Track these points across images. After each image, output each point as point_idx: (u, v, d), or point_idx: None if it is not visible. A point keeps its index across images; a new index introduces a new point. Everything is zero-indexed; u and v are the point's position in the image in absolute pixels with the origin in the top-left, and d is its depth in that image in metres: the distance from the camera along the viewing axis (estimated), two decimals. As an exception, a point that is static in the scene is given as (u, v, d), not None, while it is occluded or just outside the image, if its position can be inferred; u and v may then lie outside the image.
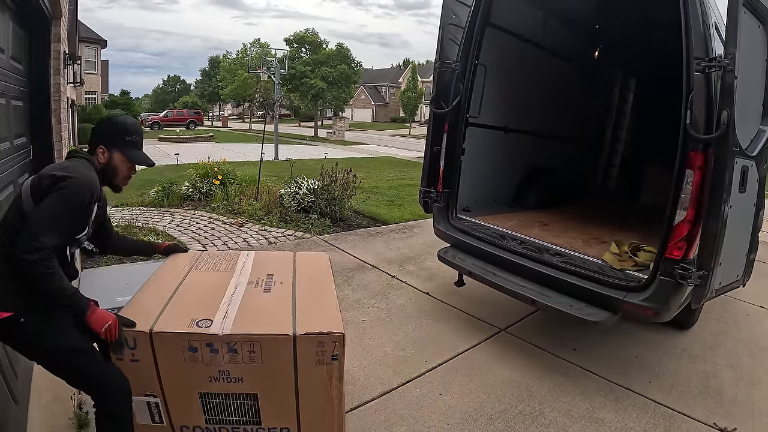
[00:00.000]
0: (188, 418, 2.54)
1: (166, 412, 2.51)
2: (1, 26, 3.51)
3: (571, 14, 5.93)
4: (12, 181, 3.76)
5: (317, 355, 2.40)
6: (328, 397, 2.52)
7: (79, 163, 2.41)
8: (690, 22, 3.16)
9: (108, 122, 2.64)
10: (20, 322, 2.15)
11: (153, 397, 2.46)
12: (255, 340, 2.35)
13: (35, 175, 2.27)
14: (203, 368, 2.38)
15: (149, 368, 2.38)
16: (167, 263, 3.14)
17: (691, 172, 3.14)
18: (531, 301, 3.90)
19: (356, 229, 7.97)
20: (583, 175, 7.52)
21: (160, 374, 2.41)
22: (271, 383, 2.46)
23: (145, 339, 2.32)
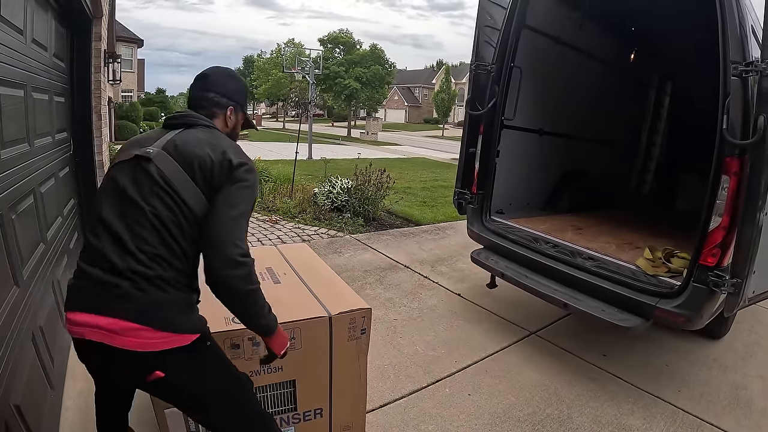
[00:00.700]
0: None
1: None
2: (43, 25, 3.62)
3: (607, 16, 5.89)
4: (53, 175, 3.86)
5: (349, 332, 2.55)
6: (356, 372, 2.68)
7: (216, 132, 2.01)
8: (727, 24, 3.12)
9: (232, 76, 2.25)
10: (207, 345, 1.91)
11: None
12: (295, 326, 2.40)
13: (176, 167, 1.82)
14: (245, 364, 2.35)
15: None
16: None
17: (726, 178, 3.09)
18: (563, 304, 3.89)
19: (389, 229, 8.03)
20: (617, 179, 7.44)
21: None
22: (308, 367, 2.54)
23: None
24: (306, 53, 30.83)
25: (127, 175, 1.82)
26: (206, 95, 2.06)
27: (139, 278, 1.71)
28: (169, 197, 1.78)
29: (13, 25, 2.75)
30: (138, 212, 1.75)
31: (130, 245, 1.73)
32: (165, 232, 1.76)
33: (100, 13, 4.83)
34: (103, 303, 1.70)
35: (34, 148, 3.24)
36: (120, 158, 1.88)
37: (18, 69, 2.83)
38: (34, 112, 3.23)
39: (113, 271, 1.71)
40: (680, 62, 6.85)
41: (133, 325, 1.68)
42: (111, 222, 1.76)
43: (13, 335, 2.30)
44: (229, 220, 1.78)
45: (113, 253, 1.72)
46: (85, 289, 1.75)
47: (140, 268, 1.72)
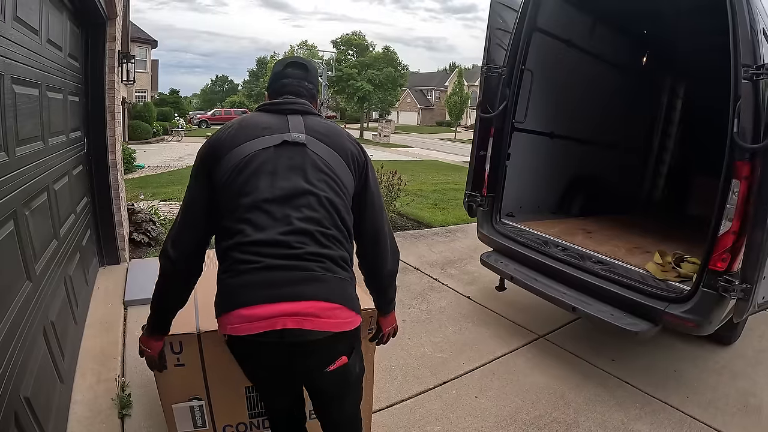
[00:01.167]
0: (232, 416, 2.57)
1: (210, 414, 2.52)
2: (58, 25, 3.67)
3: (618, 19, 5.87)
4: (67, 172, 3.92)
5: (367, 330, 2.54)
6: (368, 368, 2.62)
7: (333, 123, 2.09)
8: (738, 28, 3.11)
9: (312, 66, 2.21)
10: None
11: (197, 400, 2.46)
12: None
13: (331, 153, 1.87)
14: None
15: (196, 370, 2.39)
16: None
17: (737, 182, 3.07)
18: (571, 308, 3.88)
19: (400, 231, 8.02)
20: (628, 183, 7.40)
21: (206, 374, 2.42)
22: None
23: (193, 341, 2.32)
24: (319, 55, 30.96)
25: (280, 161, 1.79)
26: (306, 85, 2.06)
27: (325, 259, 1.72)
28: (333, 182, 1.81)
29: (29, 25, 2.80)
30: (309, 197, 1.75)
31: (307, 228, 1.72)
32: (336, 215, 1.79)
33: (115, 14, 4.89)
34: (294, 288, 1.66)
35: (49, 146, 3.29)
36: (258, 146, 1.81)
37: (33, 68, 2.88)
38: (48, 111, 3.28)
39: (295, 256, 1.68)
40: (692, 65, 6.81)
41: (331, 305, 1.69)
42: (276, 208, 1.72)
43: (25, 329, 2.33)
44: (383, 212, 1.99)
45: (291, 238, 1.70)
46: (264, 280, 1.67)
47: (323, 250, 1.73)
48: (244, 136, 1.85)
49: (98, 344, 3.80)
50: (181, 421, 2.45)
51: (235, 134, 1.87)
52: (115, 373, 3.43)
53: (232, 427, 2.59)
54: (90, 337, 3.89)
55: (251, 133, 1.84)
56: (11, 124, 2.43)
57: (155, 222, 6.49)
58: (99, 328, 4.05)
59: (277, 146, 1.81)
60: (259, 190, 1.74)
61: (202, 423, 2.50)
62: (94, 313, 4.29)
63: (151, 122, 27.92)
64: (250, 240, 1.70)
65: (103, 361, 3.59)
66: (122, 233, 5.48)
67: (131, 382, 3.38)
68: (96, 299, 4.54)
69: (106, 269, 5.29)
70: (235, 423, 2.59)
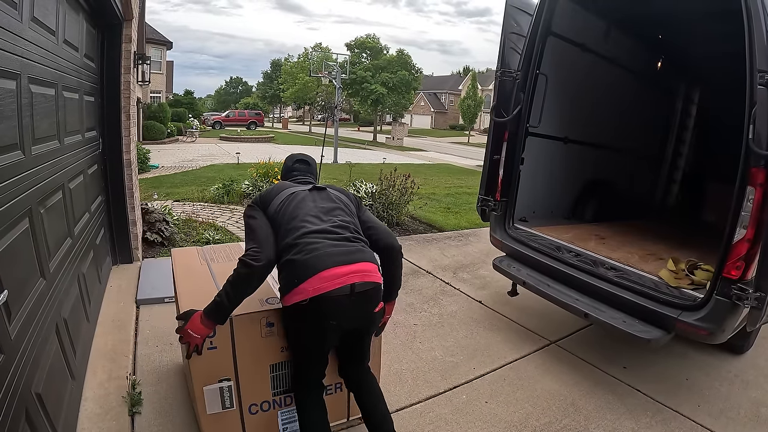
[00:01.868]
0: (257, 395, 2.78)
1: (237, 394, 2.70)
2: (75, 26, 3.70)
3: (633, 24, 5.84)
4: (82, 171, 3.95)
5: None
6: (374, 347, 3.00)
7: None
8: (754, 33, 3.07)
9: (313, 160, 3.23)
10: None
11: (227, 381, 2.64)
12: None
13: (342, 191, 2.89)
14: (277, 340, 2.72)
15: (226, 353, 2.60)
16: (177, 260, 3.38)
17: (752, 189, 3.03)
18: (584, 314, 3.86)
19: (412, 235, 8.02)
20: (642, 189, 7.35)
21: (236, 356, 2.63)
22: None
23: (226, 325, 2.52)
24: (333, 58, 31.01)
25: (314, 195, 2.72)
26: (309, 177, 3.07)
27: (361, 241, 2.58)
28: (348, 208, 2.75)
29: (46, 25, 2.83)
30: (339, 211, 2.66)
31: (345, 225, 2.59)
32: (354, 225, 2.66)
33: (131, 15, 4.93)
34: (353, 256, 2.43)
35: (64, 145, 3.32)
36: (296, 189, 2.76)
37: (50, 68, 2.90)
38: (64, 111, 3.31)
39: (344, 238, 2.50)
40: (707, 71, 6.75)
41: (374, 266, 2.50)
42: (322, 215, 2.58)
43: (38, 326, 2.35)
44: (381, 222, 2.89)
45: (337, 230, 2.52)
46: (331, 252, 2.39)
47: (359, 236, 2.59)
48: (283, 187, 2.75)
49: (110, 342, 3.83)
50: (212, 402, 2.64)
51: (275, 188, 2.78)
52: (126, 371, 3.45)
53: (257, 406, 2.80)
54: (102, 335, 3.91)
55: (287, 186, 2.77)
56: (27, 123, 2.45)
57: (168, 222, 6.52)
58: (111, 326, 4.08)
59: (309, 190, 2.73)
60: (308, 207, 2.60)
61: (230, 404, 2.69)
62: (107, 311, 4.31)
63: (165, 123, 28.09)
64: (311, 230, 2.46)
65: (114, 359, 3.61)
66: (135, 232, 5.51)
67: (142, 380, 3.40)
68: (108, 297, 4.57)
69: (119, 268, 5.32)
70: (260, 401, 2.80)
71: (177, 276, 3.15)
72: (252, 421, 2.79)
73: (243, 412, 2.75)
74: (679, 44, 6.37)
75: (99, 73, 4.73)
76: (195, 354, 2.45)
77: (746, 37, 3.12)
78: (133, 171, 5.41)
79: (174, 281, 3.18)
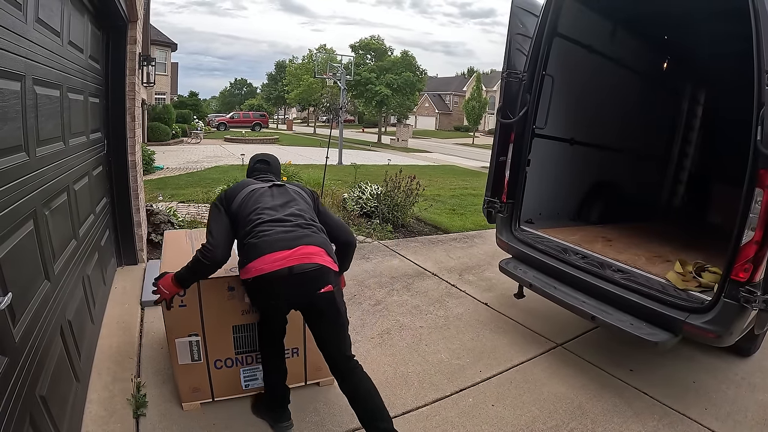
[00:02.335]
0: (222, 351, 3.21)
1: (204, 349, 3.13)
2: (80, 27, 3.70)
3: (639, 24, 5.80)
4: (87, 173, 3.95)
5: None
6: None
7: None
8: (761, 33, 3.02)
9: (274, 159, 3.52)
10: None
11: (195, 336, 3.08)
12: None
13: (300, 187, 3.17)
14: (238, 303, 3.14)
15: (194, 311, 3.04)
16: (167, 239, 3.87)
17: (760, 191, 2.99)
18: (591, 317, 3.82)
19: (417, 236, 8.01)
20: (649, 190, 7.32)
21: (203, 315, 3.07)
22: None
23: (194, 286, 2.94)
24: (337, 59, 31.03)
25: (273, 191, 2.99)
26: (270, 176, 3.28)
27: (313, 226, 2.84)
28: (304, 201, 3.02)
29: (51, 27, 2.82)
30: (294, 205, 2.92)
31: (299, 214, 2.86)
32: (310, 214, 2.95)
33: (136, 17, 4.93)
34: (296, 242, 2.68)
35: (69, 146, 3.32)
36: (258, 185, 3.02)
37: (55, 70, 2.89)
38: (69, 112, 3.31)
39: (294, 225, 2.77)
40: (713, 71, 6.71)
41: (318, 249, 2.72)
42: (278, 208, 2.86)
43: (42, 328, 2.34)
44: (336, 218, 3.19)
45: (290, 218, 2.80)
46: (277, 239, 2.67)
47: (311, 223, 2.85)
48: (245, 185, 3.02)
49: (115, 344, 3.83)
50: (182, 353, 3.08)
51: (239, 185, 3.03)
52: (131, 373, 3.45)
53: (222, 362, 3.23)
54: (106, 337, 3.91)
55: (249, 184, 3.04)
56: (32, 125, 2.44)
57: (173, 223, 6.52)
58: (116, 328, 4.07)
59: (269, 186, 3.01)
60: (265, 201, 2.88)
61: (198, 357, 3.12)
62: (111, 312, 4.31)
63: (170, 124, 28.18)
64: (265, 220, 2.75)
65: (119, 361, 3.61)
66: (140, 234, 5.51)
67: (147, 382, 3.39)
68: (113, 299, 4.57)
69: (124, 269, 5.32)
70: (224, 358, 3.23)
71: (164, 250, 3.58)
72: (217, 375, 3.22)
73: (209, 366, 3.18)
74: (686, 44, 6.33)
75: (104, 75, 4.73)
76: (166, 309, 2.92)
77: (753, 37, 3.08)
78: (138, 172, 5.40)
79: (162, 254, 3.60)
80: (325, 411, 3.33)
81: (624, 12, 5.46)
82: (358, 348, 4.10)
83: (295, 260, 2.61)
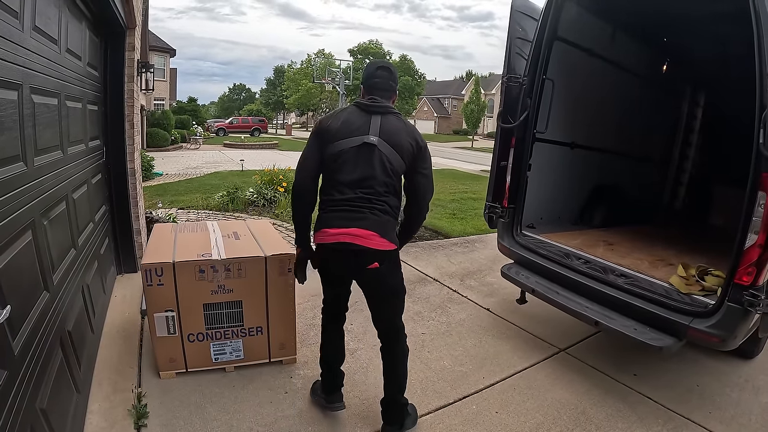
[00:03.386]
0: (194, 327, 3.57)
1: (179, 323, 3.51)
2: (78, 34, 3.69)
3: (638, 27, 5.79)
4: (86, 181, 3.94)
5: (280, 269, 3.66)
6: (286, 300, 3.76)
7: (402, 118, 3.13)
8: (762, 35, 3.01)
9: (394, 69, 3.28)
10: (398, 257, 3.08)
11: (171, 311, 3.46)
12: (242, 261, 3.57)
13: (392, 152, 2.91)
14: (207, 285, 3.51)
15: (170, 289, 3.42)
16: (155, 230, 4.29)
17: (763, 194, 2.98)
18: (594, 322, 3.80)
19: (418, 241, 7.98)
20: (650, 193, 7.31)
21: (177, 293, 3.44)
22: (251, 291, 3.64)
23: (170, 268, 3.39)
24: (336, 64, 31.06)
25: (359, 158, 2.86)
26: (392, 85, 3.08)
27: (374, 208, 2.85)
28: (390, 169, 2.88)
29: (48, 34, 2.80)
30: (371, 180, 2.85)
31: (366, 197, 2.84)
32: (388, 186, 2.89)
33: (134, 24, 4.92)
34: (352, 222, 2.82)
35: (68, 155, 3.30)
36: (347, 145, 2.86)
37: (52, 78, 2.88)
38: (67, 120, 3.29)
39: (357, 207, 2.84)
40: (714, 73, 6.67)
41: (369, 233, 2.81)
42: (353, 184, 2.85)
43: (42, 340, 2.32)
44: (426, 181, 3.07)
45: (356, 199, 2.84)
46: (339, 216, 2.85)
47: (375, 205, 2.85)
48: (341, 134, 2.89)
49: (115, 353, 3.81)
50: (160, 327, 3.47)
51: (338, 129, 2.91)
52: (132, 383, 3.43)
53: (194, 335, 3.60)
54: (107, 346, 3.89)
55: (346, 133, 2.88)
56: (30, 134, 2.43)
57: (173, 230, 6.49)
58: (116, 337, 4.05)
59: (359, 146, 2.86)
60: (345, 173, 2.86)
61: (174, 330, 3.51)
62: (112, 321, 4.29)
63: (169, 130, 28.21)
64: (335, 199, 2.88)
65: (119, 371, 3.59)
66: (140, 241, 5.50)
67: (148, 392, 3.36)
68: (113, 308, 4.55)
69: (124, 277, 5.31)
70: (196, 332, 3.60)
71: (150, 240, 4.04)
72: (190, 347, 3.60)
73: (183, 339, 3.56)
74: (686, 46, 6.32)
75: (102, 82, 4.72)
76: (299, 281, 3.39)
77: (755, 40, 3.07)
78: (138, 180, 5.39)
79: (147, 242, 4.12)
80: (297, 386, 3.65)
81: (623, 14, 5.44)
82: (361, 356, 4.10)
83: (347, 238, 2.81)
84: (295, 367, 3.87)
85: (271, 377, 3.71)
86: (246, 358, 3.76)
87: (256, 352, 3.78)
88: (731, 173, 4.47)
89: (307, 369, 3.85)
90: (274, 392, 3.52)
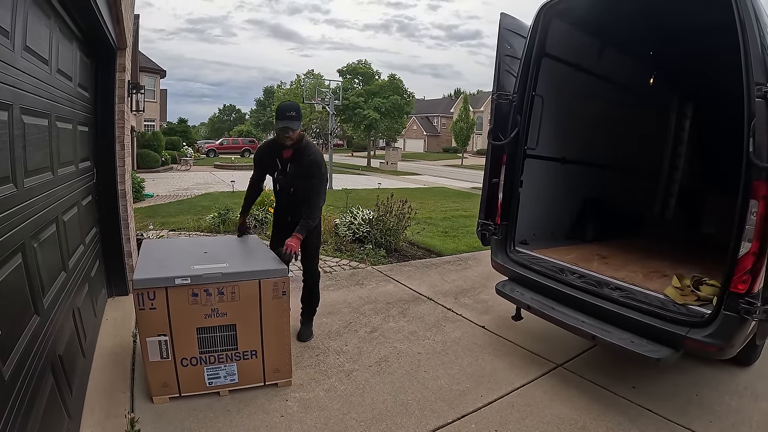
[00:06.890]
0: (187, 351, 3.53)
1: (172, 348, 3.47)
2: (69, 55, 3.68)
3: (625, 42, 5.83)
4: (76, 203, 3.90)
5: (273, 292, 3.64)
6: (281, 324, 3.73)
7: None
8: (749, 46, 3.05)
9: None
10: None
11: (164, 336, 3.41)
12: (235, 284, 3.54)
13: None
14: (200, 308, 3.47)
15: (163, 313, 3.38)
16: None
17: (755, 202, 3.00)
18: (591, 336, 3.78)
19: (411, 260, 7.96)
20: (641, 205, 7.34)
21: (170, 317, 3.41)
22: (245, 315, 3.61)
23: (163, 292, 3.35)
24: (325, 84, 31.12)
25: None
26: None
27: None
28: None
29: (39, 55, 2.78)
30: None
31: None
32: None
33: (125, 45, 4.91)
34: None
35: (58, 176, 3.27)
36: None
37: (43, 98, 2.86)
38: (57, 141, 3.27)
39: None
40: (701, 84, 6.75)
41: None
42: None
43: (32, 364, 2.28)
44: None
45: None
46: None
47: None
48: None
49: (107, 377, 3.75)
50: (152, 351, 3.42)
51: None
52: (125, 409, 3.37)
53: (187, 360, 3.54)
54: (98, 370, 3.83)
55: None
56: (20, 155, 2.40)
57: (164, 252, 6.44)
58: (107, 361, 3.99)
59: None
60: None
61: (167, 355, 3.46)
62: (103, 344, 4.23)
63: (159, 151, 28.20)
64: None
65: (112, 396, 3.53)
66: (131, 264, 5.43)
67: (141, 418, 3.30)
68: (105, 331, 4.49)
69: (115, 300, 5.24)
70: (189, 356, 3.54)
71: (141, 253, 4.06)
72: (184, 372, 3.54)
73: (176, 364, 3.50)
74: (672, 58, 6.37)
75: (93, 103, 4.70)
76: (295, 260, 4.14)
77: (741, 51, 3.11)
78: (128, 201, 5.35)
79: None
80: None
81: (610, 30, 5.49)
82: (357, 377, 4.05)
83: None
84: (290, 390, 3.80)
85: (266, 401, 3.64)
86: (240, 381, 3.70)
87: (251, 376, 3.73)
88: (721, 183, 4.48)
89: (303, 392, 3.79)
90: (269, 416, 3.46)
